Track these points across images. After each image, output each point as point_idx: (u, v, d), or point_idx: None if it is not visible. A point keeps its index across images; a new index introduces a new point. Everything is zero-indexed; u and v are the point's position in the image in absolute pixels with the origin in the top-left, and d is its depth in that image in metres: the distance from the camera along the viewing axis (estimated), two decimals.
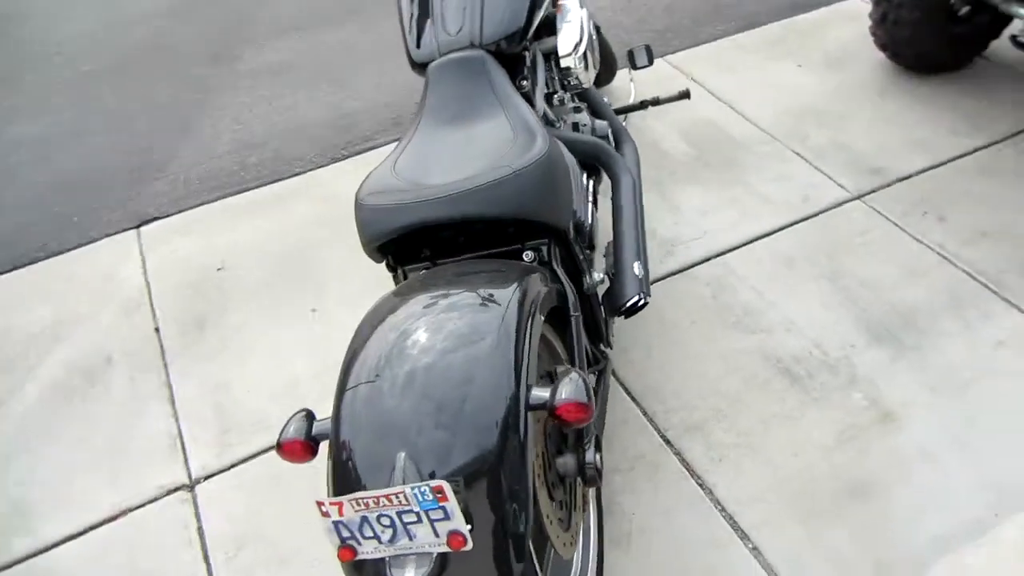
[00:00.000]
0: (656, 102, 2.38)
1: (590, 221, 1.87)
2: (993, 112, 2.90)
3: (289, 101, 3.45)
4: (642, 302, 1.75)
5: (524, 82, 1.87)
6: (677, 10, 3.75)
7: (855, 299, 2.28)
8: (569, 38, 1.97)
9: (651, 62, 2.40)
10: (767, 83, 3.15)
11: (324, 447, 1.27)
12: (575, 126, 2.10)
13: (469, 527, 1.08)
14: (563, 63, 1.97)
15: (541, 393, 1.21)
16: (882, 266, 2.36)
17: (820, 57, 3.27)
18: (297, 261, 2.63)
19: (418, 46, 1.83)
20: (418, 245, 1.60)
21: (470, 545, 1.09)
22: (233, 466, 2.10)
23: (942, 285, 2.29)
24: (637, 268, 1.79)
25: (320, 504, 1.10)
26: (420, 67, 1.83)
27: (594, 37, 2.19)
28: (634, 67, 2.41)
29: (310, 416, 1.30)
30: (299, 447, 1.26)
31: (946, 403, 2.00)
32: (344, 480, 1.17)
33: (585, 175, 2.00)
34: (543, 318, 1.37)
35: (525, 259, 1.57)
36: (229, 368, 2.33)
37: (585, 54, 2.01)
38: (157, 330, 2.48)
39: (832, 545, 1.76)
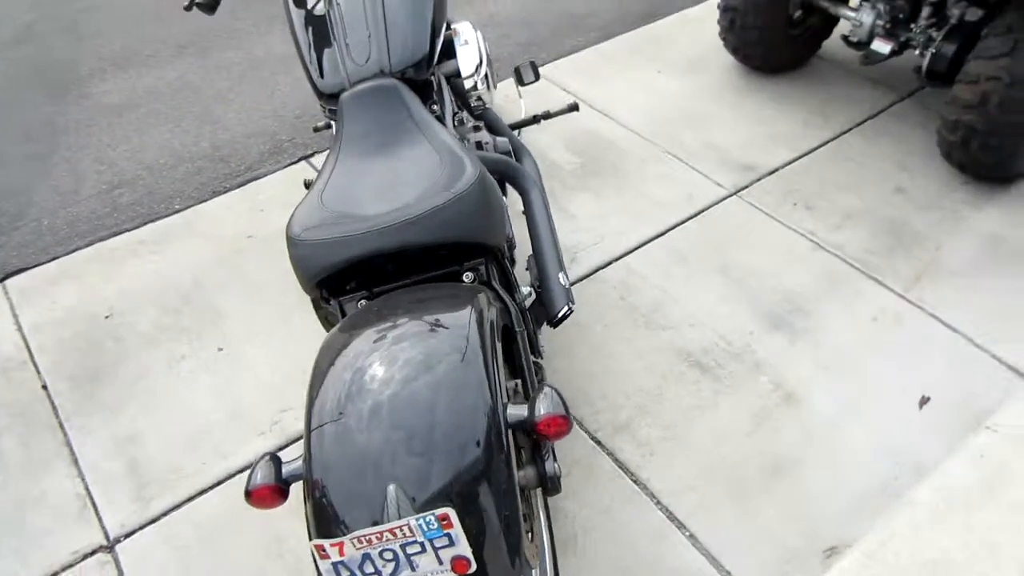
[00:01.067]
0: (547, 116, 2.45)
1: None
2: (835, 105, 3.19)
3: (155, 136, 3.26)
4: (570, 311, 1.81)
5: (435, 107, 1.88)
6: (535, 23, 3.86)
7: (746, 289, 2.44)
8: (469, 60, 1.99)
9: (537, 77, 2.46)
10: (634, 90, 3.31)
11: (294, 490, 1.24)
12: (478, 144, 2.13)
13: (471, 550, 1.09)
14: (467, 84, 1.99)
15: (518, 411, 1.24)
16: (765, 256, 2.55)
17: (678, 62, 3.47)
18: (193, 302, 2.50)
19: (323, 76, 1.80)
20: (348, 277, 1.58)
21: (473, 567, 1.11)
22: (154, 520, 1.98)
23: (818, 269, 2.50)
24: (562, 279, 1.84)
25: (320, 547, 1.09)
26: (328, 97, 1.80)
27: (490, 56, 2.23)
28: (521, 83, 2.46)
29: (276, 460, 1.26)
30: (269, 493, 1.23)
31: (840, 378, 2.19)
32: (327, 520, 1.15)
33: None
34: (500, 337, 1.39)
35: (465, 280, 1.59)
36: (135, 419, 2.19)
37: (486, 74, 2.05)
38: (45, 388, 2.30)
39: (762, 522, 1.89)
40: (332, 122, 2.50)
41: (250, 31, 3.95)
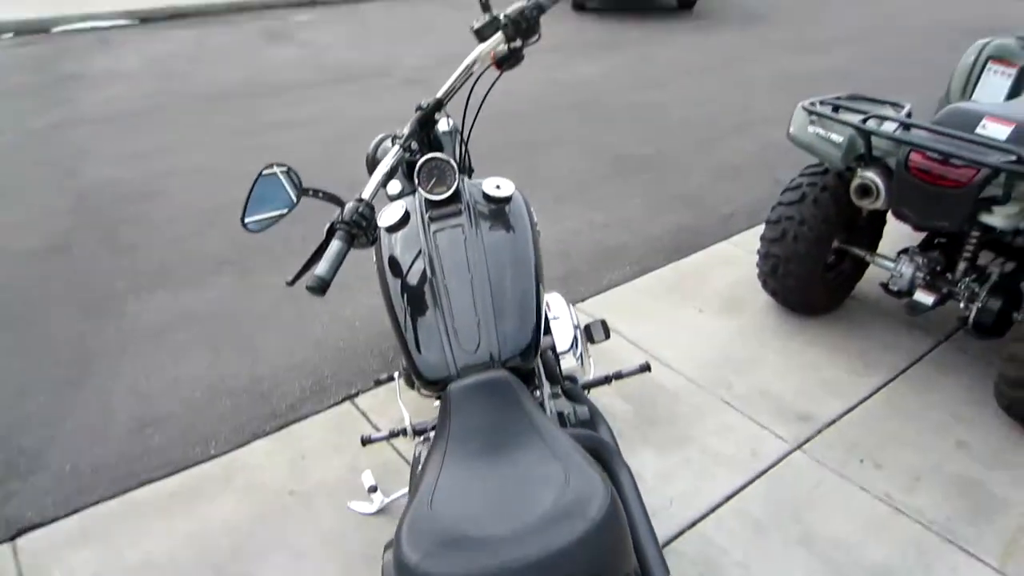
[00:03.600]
0: (619, 376, 2.21)
1: None
2: (876, 349, 3.01)
3: (192, 365, 2.97)
4: None
5: (537, 392, 1.63)
6: (571, 255, 3.74)
7: (834, 564, 2.12)
8: (564, 335, 1.78)
9: (608, 336, 2.25)
10: (678, 329, 3.12)
11: None
12: (560, 416, 1.87)
13: None
14: (563, 361, 1.76)
15: None
16: (845, 523, 2.24)
17: (716, 301, 3.31)
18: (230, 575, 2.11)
19: (424, 359, 1.54)
20: None
21: None
22: None
23: (904, 539, 2.20)
24: None
25: None
26: (431, 384, 1.53)
27: (582, 329, 2.02)
28: (592, 342, 2.24)
29: None
30: None
31: None
32: None
33: None
34: None
35: None
36: None
37: (581, 352, 1.82)
38: None
39: None
40: (396, 376, 2.25)
41: (288, 251, 3.79)
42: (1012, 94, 3.25)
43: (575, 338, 1.81)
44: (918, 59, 7.51)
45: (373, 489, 2.21)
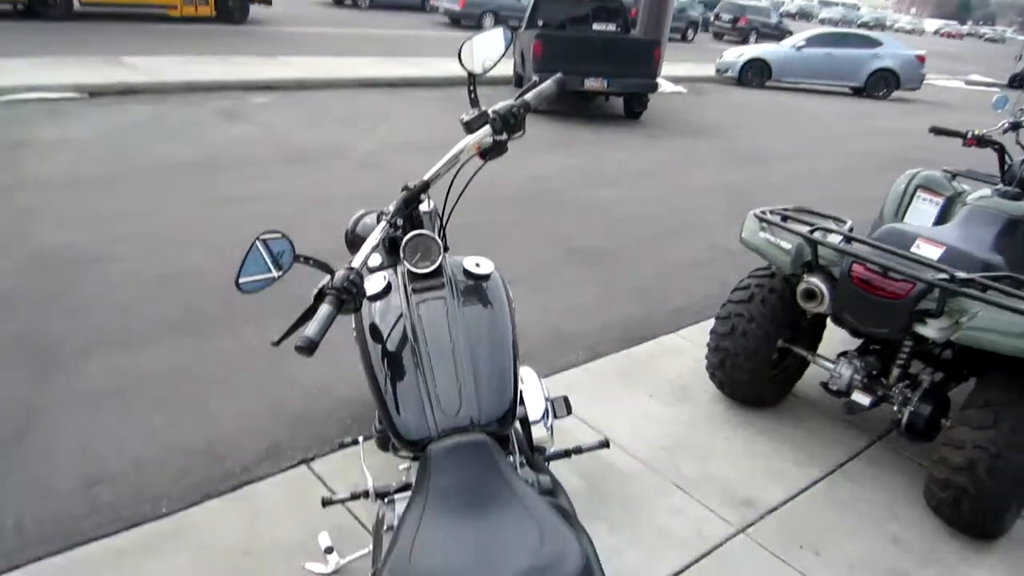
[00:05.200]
0: (579, 451, 2.34)
1: None
2: (817, 443, 3.22)
3: (143, 426, 2.96)
4: None
5: (510, 457, 1.74)
6: (528, 336, 3.90)
7: None
8: (536, 406, 1.91)
9: (569, 412, 2.37)
10: (629, 413, 3.28)
11: None
12: (524, 483, 1.97)
13: None
14: (535, 432, 1.88)
15: None
16: None
17: (666, 388, 3.50)
18: None
19: (407, 422, 1.64)
20: None
21: None
22: None
23: None
24: None
25: None
26: (411, 444, 1.63)
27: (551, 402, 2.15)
28: (555, 417, 2.37)
29: None
30: None
31: None
32: None
33: None
34: None
35: None
36: None
37: (551, 424, 1.96)
38: None
39: None
40: (360, 440, 2.33)
41: (244, 317, 3.84)
42: (940, 220, 3.64)
43: (546, 410, 1.95)
44: (848, 180, 8.16)
45: (329, 550, 2.25)
